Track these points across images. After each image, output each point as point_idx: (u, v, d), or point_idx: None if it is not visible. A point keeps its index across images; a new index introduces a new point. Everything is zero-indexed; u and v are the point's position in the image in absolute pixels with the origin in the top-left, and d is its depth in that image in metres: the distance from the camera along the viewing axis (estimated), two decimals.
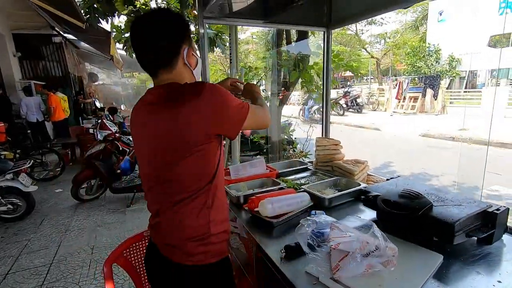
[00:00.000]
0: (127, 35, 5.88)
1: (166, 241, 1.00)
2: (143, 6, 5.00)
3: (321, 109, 2.27)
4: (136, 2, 4.92)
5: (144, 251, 1.53)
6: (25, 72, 8.68)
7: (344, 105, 14.64)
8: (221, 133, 0.98)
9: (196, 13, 5.36)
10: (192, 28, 6.09)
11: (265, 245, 1.14)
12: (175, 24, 0.97)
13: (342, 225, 1.01)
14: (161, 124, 0.93)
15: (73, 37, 8.63)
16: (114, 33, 6.48)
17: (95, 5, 5.14)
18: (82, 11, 5.27)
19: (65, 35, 8.55)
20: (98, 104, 8.14)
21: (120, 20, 6.30)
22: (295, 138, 4.92)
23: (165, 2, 5.49)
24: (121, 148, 4.56)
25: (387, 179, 1.53)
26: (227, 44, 6.13)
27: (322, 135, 2.30)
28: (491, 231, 1.03)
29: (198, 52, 1.13)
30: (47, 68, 9.18)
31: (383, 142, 8.55)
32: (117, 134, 4.47)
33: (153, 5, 5.84)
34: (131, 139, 5.57)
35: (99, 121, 4.69)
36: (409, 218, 1.07)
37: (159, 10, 1.02)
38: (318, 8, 2.07)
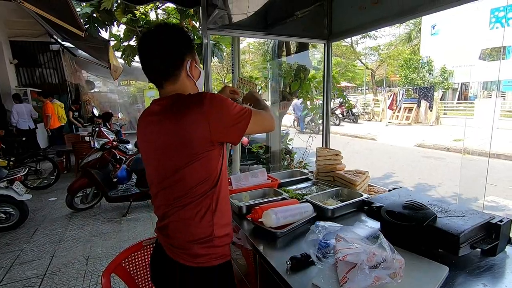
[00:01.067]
0: (125, 43, 5.92)
1: (171, 243, 1.05)
2: (143, 16, 5.06)
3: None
4: (135, 11, 4.97)
5: (143, 261, 1.53)
6: (21, 79, 8.63)
7: (340, 115, 14.80)
8: (224, 140, 1.03)
9: (195, 24, 5.45)
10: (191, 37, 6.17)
11: (269, 256, 1.13)
12: (178, 39, 1.04)
13: (348, 235, 1.01)
14: (166, 132, 0.99)
15: (71, 45, 8.65)
16: (112, 42, 6.53)
17: (94, 15, 5.19)
18: (81, 20, 5.31)
19: (63, 43, 8.56)
20: (96, 112, 8.09)
21: (119, 29, 6.35)
22: (292, 147, 4.95)
23: (164, 13, 5.56)
24: (118, 157, 4.52)
25: (389, 190, 1.53)
26: (224, 53, 6.21)
27: (322, 145, 2.31)
28: (495, 242, 1.04)
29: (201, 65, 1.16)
30: (44, 75, 9.14)
31: (379, 152, 8.62)
32: (114, 143, 4.44)
33: (152, 15, 5.91)
34: (128, 147, 5.57)
35: (97, 129, 4.65)
36: (414, 229, 1.07)
37: (164, 26, 1.06)
38: (318, 21, 2.12)
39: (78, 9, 5.05)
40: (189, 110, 0.95)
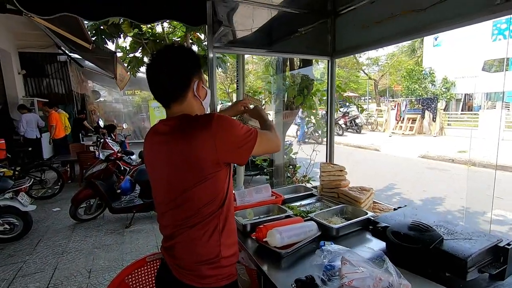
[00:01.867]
0: (131, 55, 6.03)
1: (178, 263, 1.04)
2: (149, 30, 5.17)
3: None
4: (142, 26, 5.08)
5: (147, 277, 1.52)
6: (29, 89, 8.80)
7: (343, 125, 14.80)
8: (230, 161, 1.04)
9: (199, 36, 5.55)
10: (195, 48, 6.27)
11: (274, 277, 1.12)
12: (186, 60, 1.05)
13: (354, 258, 1.00)
14: (174, 153, 1.00)
15: (78, 56, 8.83)
16: (119, 53, 6.66)
17: (102, 27, 5.31)
18: (89, 33, 5.44)
19: (71, 54, 8.74)
20: (101, 123, 8.19)
21: (125, 40, 6.49)
22: (295, 158, 4.94)
23: (170, 26, 5.67)
24: (122, 167, 4.54)
25: (395, 209, 1.53)
26: (228, 64, 6.30)
27: (326, 159, 2.31)
28: (503, 266, 1.02)
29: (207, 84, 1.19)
30: (51, 85, 9.31)
31: (383, 163, 8.57)
32: (119, 154, 4.47)
33: (158, 28, 6.03)
34: (132, 158, 5.59)
35: (102, 140, 4.69)
36: (420, 251, 1.06)
37: (172, 47, 1.08)
38: (322, 38, 2.15)
39: (86, 22, 5.18)
40: (196, 132, 0.96)
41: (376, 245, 1.30)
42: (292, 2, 2.01)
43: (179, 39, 6.08)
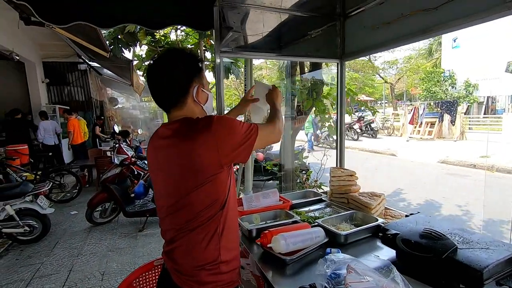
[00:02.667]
0: (147, 63, 6.21)
1: (177, 268, 1.03)
2: (163, 37, 5.30)
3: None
4: (155, 33, 5.22)
5: (154, 281, 1.52)
6: (51, 97, 9.20)
7: (358, 130, 14.51)
8: (233, 161, 1.03)
9: (213, 42, 5.64)
10: (209, 55, 6.37)
11: (277, 284, 1.09)
12: (184, 66, 1.05)
13: (360, 266, 0.96)
14: (175, 156, 1.00)
15: (97, 65, 9.17)
16: (135, 61, 6.87)
17: (119, 36, 5.51)
18: (107, 42, 5.66)
19: (90, 62, 9.10)
20: (116, 129, 8.44)
21: (142, 48, 6.70)
22: (308, 163, 4.86)
23: (184, 34, 5.79)
24: (136, 172, 4.63)
25: (406, 215, 1.46)
26: (242, 69, 6.36)
27: (337, 164, 2.26)
28: None
29: (210, 84, 1.18)
30: (72, 93, 9.70)
31: (400, 168, 8.32)
32: (133, 159, 4.57)
33: (172, 36, 6.18)
34: (146, 162, 5.69)
35: (117, 145, 4.82)
36: (431, 261, 1.01)
37: (170, 53, 1.07)
38: (331, 41, 2.12)
39: (104, 31, 5.39)
40: (197, 134, 0.96)
41: (387, 253, 1.24)
42: (301, 5, 2.00)
43: (192, 46, 6.20)
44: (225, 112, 1.75)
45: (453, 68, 13.63)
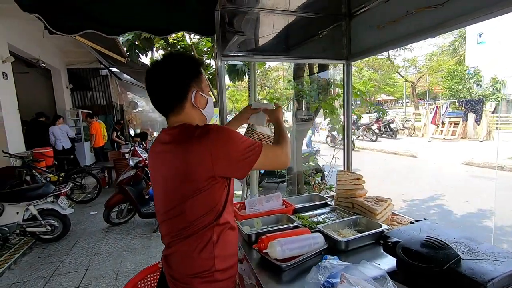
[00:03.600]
0: None
1: (173, 274, 1.04)
2: (175, 41, 5.41)
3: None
4: (168, 37, 5.35)
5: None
6: (75, 101, 9.66)
7: (377, 131, 14.12)
8: (227, 175, 1.00)
9: None
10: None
11: None
12: (182, 71, 1.03)
13: (355, 274, 0.93)
14: (171, 163, 1.00)
15: (117, 70, 9.53)
16: None
17: (136, 42, 5.70)
18: (124, 48, 5.87)
19: (111, 68, 9.47)
20: (132, 132, 8.71)
21: (159, 53, 6.89)
22: (323, 165, 4.77)
23: (197, 38, 5.89)
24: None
25: (411, 222, 1.39)
26: (258, 71, 6.38)
27: (344, 167, 2.20)
28: None
29: (210, 88, 1.18)
30: (94, 98, 10.14)
31: (421, 171, 7.98)
32: (147, 161, 4.69)
33: (187, 39, 6.30)
34: None
35: (132, 148, 4.97)
36: (432, 272, 0.95)
37: (168, 58, 1.06)
38: (337, 41, 2.08)
39: (121, 38, 5.59)
40: (193, 143, 0.94)
41: (389, 261, 1.19)
42: (306, 7, 1.97)
43: (208, 49, 6.30)
44: (228, 117, 1.76)
45: (478, 65, 12.95)
